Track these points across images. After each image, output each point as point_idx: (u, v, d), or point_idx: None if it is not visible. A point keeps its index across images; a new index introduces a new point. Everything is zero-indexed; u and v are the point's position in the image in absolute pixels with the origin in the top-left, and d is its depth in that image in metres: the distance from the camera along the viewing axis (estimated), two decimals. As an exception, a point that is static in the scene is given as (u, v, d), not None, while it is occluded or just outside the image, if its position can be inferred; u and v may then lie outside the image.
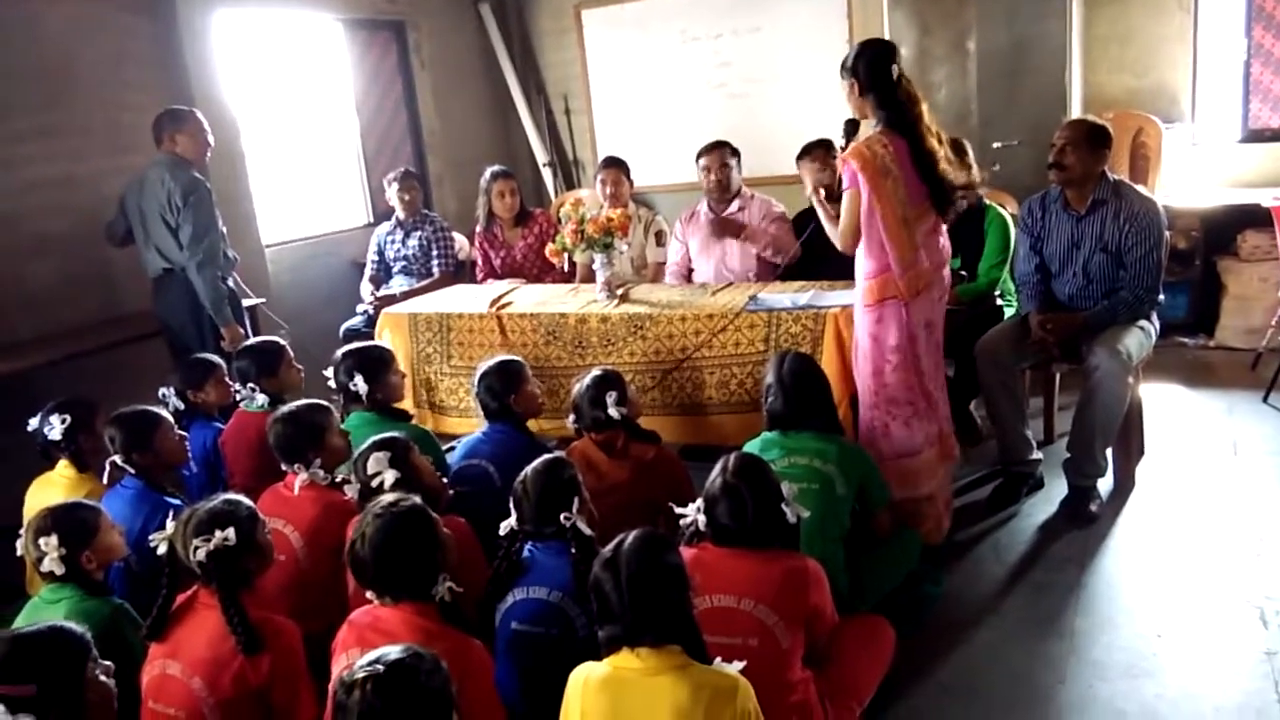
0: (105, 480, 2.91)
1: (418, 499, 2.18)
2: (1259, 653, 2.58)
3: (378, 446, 2.56)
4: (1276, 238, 4.33)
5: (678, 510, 2.27)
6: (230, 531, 2.10)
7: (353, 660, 1.71)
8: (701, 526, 2.24)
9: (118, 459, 2.86)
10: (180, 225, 3.94)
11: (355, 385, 3.20)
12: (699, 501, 2.25)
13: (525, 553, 2.35)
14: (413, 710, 1.57)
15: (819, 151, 4.07)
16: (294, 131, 5.62)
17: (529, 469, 2.41)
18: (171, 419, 3.02)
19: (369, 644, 1.86)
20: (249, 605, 2.11)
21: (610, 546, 1.87)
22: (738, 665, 1.79)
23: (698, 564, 2.07)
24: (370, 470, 2.50)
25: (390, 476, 2.47)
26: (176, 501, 2.80)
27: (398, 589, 2.03)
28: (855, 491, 2.72)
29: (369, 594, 2.08)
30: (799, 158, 4.14)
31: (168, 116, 4.07)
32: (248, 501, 2.26)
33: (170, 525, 2.20)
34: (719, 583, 2.11)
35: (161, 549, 2.18)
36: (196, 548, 2.09)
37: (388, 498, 2.18)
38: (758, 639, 2.06)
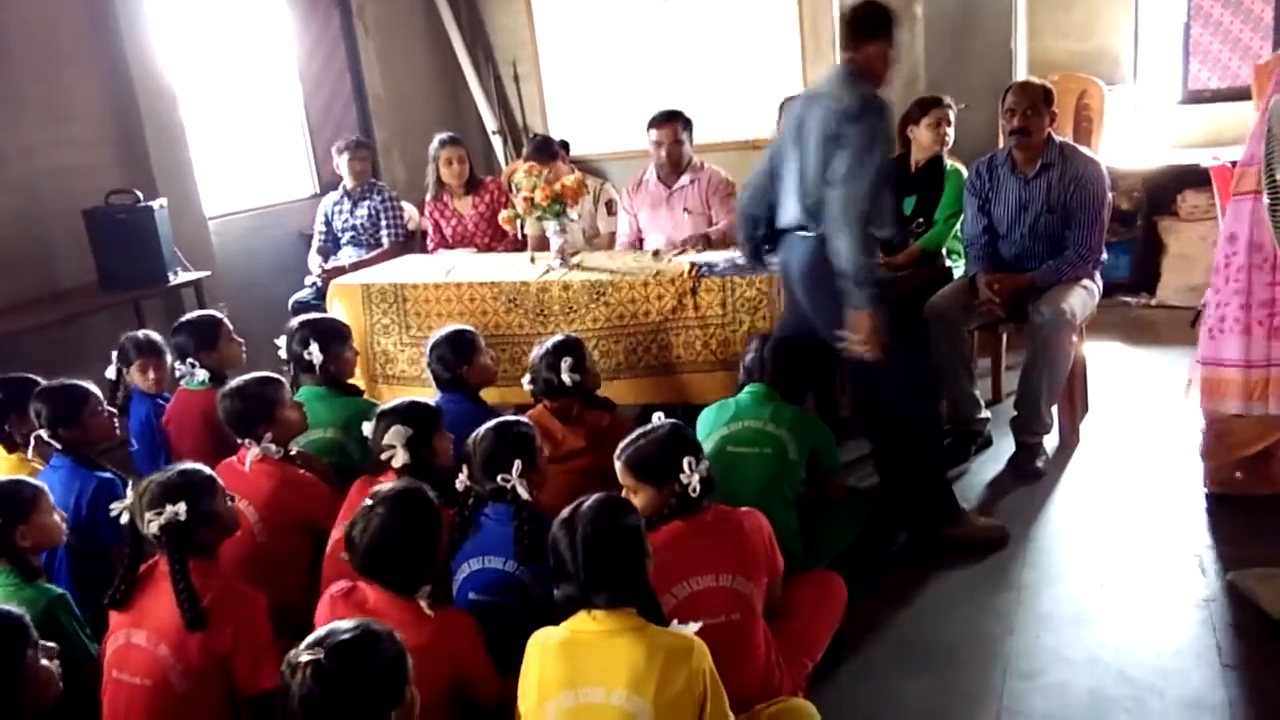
0: (30, 454, 2.84)
1: (427, 489, 2.13)
2: (1198, 600, 2.67)
3: (402, 417, 2.50)
4: (1215, 197, 4.42)
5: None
6: (181, 506, 2.08)
7: None
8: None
9: (43, 434, 2.79)
10: (835, 156, 2.79)
11: (310, 354, 3.14)
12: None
13: (480, 514, 2.35)
14: (358, 690, 1.54)
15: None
16: (235, 101, 5.48)
17: (482, 427, 2.42)
18: (100, 394, 2.93)
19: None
20: (213, 575, 2.10)
21: (569, 507, 1.88)
22: (693, 626, 1.81)
23: (668, 547, 2.06)
24: (386, 441, 2.46)
25: (401, 456, 2.43)
26: (108, 474, 2.74)
27: (386, 580, 2.01)
28: (807, 457, 2.76)
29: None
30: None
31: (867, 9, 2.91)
32: (206, 470, 2.23)
33: (130, 495, 2.18)
34: (694, 564, 2.11)
35: (124, 519, 2.17)
36: (150, 520, 2.08)
37: (388, 486, 2.12)
38: (739, 612, 2.09)
